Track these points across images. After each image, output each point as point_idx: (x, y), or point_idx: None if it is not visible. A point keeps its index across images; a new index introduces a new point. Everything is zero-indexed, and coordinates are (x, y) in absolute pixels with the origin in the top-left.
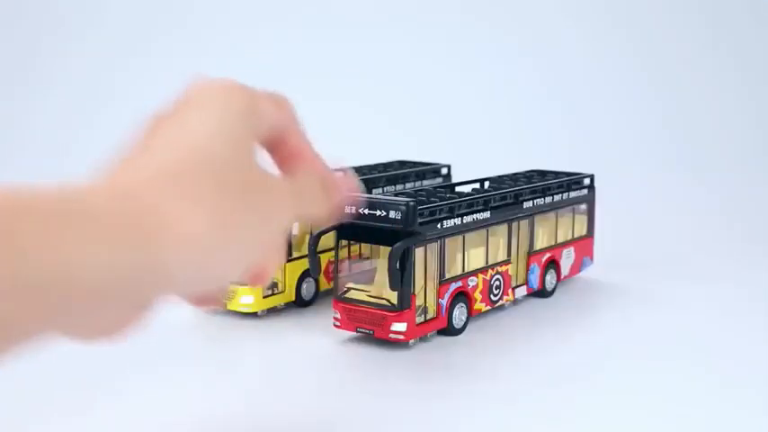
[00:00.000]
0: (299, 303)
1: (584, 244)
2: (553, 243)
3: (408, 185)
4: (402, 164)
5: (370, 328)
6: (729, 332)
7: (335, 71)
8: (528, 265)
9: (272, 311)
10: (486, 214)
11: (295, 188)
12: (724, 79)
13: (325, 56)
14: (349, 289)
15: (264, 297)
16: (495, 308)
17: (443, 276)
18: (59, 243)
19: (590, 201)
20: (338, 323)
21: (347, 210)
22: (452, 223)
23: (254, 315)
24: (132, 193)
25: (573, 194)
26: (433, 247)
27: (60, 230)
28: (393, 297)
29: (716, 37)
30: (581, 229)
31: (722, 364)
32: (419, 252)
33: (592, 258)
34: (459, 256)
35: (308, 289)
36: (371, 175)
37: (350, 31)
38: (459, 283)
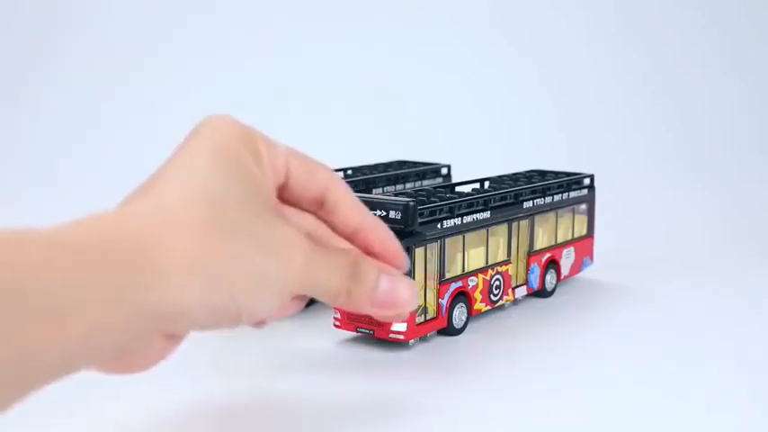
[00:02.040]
0: None
1: (584, 244)
2: (553, 243)
3: (408, 185)
4: (402, 164)
5: (370, 328)
6: (729, 332)
7: (336, 71)
8: (528, 265)
9: None
10: (486, 214)
11: (315, 254)
12: (724, 79)
13: (326, 56)
14: None
15: None
16: (495, 308)
17: (443, 276)
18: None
19: (590, 201)
20: (338, 323)
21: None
22: (452, 223)
23: None
24: (126, 231)
25: (573, 194)
26: (433, 247)
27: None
28: None
29: (716, 37)
30: (581, 229)
31: (722, 364)
32: (419, 252)
33: (592, 258)
34: (459, 255)
35: None
36: (371, 175)
37: (350, 31)
38: (460, 283)
